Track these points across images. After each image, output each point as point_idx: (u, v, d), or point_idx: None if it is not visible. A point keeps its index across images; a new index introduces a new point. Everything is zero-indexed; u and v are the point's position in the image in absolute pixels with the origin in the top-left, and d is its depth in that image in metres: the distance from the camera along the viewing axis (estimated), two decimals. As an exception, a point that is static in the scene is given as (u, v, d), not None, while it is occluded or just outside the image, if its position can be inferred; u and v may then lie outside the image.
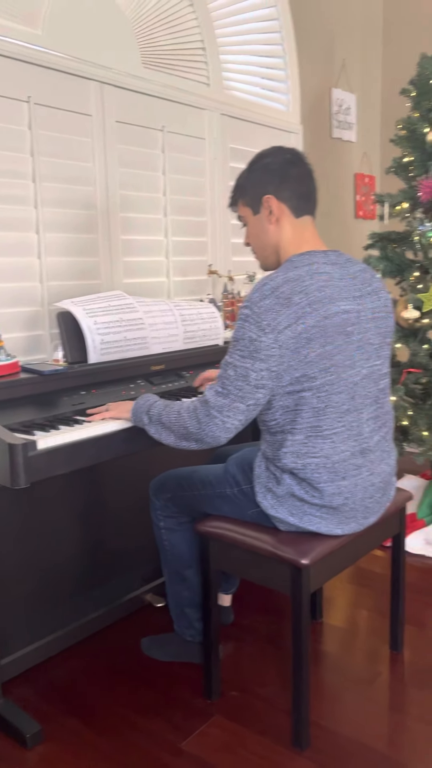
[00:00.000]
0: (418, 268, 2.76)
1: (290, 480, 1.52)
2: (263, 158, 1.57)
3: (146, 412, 1.61)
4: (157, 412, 1.58)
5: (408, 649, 1.98)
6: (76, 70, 2.15)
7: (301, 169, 1.56)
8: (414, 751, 1.57)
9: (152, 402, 1.62)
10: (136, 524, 2.19)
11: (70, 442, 1.56)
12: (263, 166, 1.56)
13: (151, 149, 2.49)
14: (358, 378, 1.49)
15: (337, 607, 2.24)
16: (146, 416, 1.60)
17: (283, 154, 1.56)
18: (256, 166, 1.58)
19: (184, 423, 1.51)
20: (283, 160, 1.55)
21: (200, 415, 1.48)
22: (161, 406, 1.58)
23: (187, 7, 2.55)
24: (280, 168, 1.54)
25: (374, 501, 1.59)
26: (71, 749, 1.61)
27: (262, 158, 1.58)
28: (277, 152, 1.56)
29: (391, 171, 2.88)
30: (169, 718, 1.71)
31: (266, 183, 1.55)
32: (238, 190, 1.63)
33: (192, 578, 1.85)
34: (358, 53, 3.68)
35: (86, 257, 2.28)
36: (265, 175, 1.55)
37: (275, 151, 1.57)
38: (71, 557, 2.00)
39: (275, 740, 1.61)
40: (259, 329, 1.39)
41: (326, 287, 1.43)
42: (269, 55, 3.01)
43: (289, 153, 1.57)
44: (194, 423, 1.49)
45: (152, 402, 1.62)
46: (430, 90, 2.69)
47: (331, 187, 3.63)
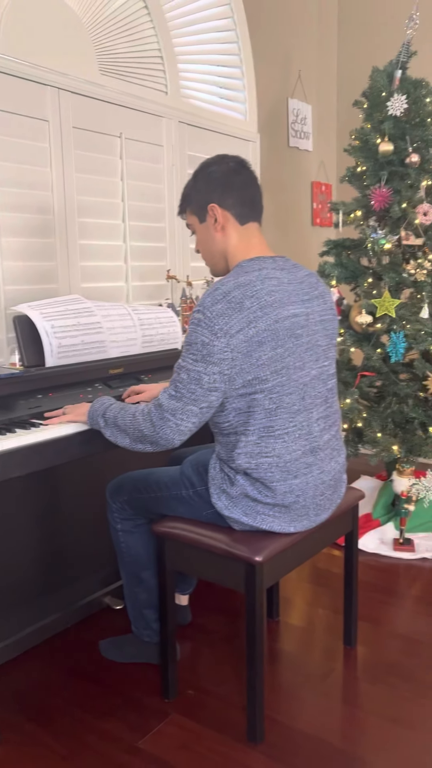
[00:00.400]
0: (371, 275, 2.84)
1: (243, 481, 1.55)
2: (207, 167, 1.60)
3: (102, 414, 1.63)
4: (112, 415, 1.60)
5: (361, 645, 2.03)
6: (33, 76, 2.16)
7: (245, 177, 1.59)
8: (365, 743, 1.62)
9: (108, 405, 1.64)
10: (93, 527, 2.20)
11: (25, 445, 1.57)
12: (207, 175, 1.59)
13: (109, 155, 2.51)
14: (308, 379, 1.54)
15: (294, 607, 2.28)
16: (102, 419, 1.62)
17: (226, 163, 1.59)
18: (200, 175, 1.61)
19: (138, 426, 1.54)
20: (226, 169, 1.58)
21: (154, 418, 1.51)
22: (116, 409, 1.60)
23: (145, 16, 2.59)
24: (224, 176, 1.57)
25: (325, 498, 1.63)
26: (27, 752, 1.60)
27: (206, 167, 1.61)
28: (220, 161, 1.60)
29: (345, 180, 2.95)
30: (126, 718, 1.72)
31: (210, 191, 1.58)
32: (184, 199, 1.66)
33: (149, 580, 1.87)
34: (313, 64, 3.77)
35: (43, 261, 2.29)
36: (209, 184, 1.58)
37: (219, 160, 1.60)
38: (28, 561, 2.00)
39: (231, 736, 1.64)
40: (212, 333, 1.42)
41: (276, 292, 1.48)
42: (226, 65, 3.07)
43: (232, 161, 1.60)
44: (149, 426, 1.52)
45: (108, 405, 1.64)
46: (381, 102, 2.77)
47: (288, 195, 3.70)
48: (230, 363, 1.44)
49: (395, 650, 2.00)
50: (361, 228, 2.87)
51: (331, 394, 1.63)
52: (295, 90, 3.63)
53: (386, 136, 2.74)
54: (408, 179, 2.74)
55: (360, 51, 3.86)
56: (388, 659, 1.96)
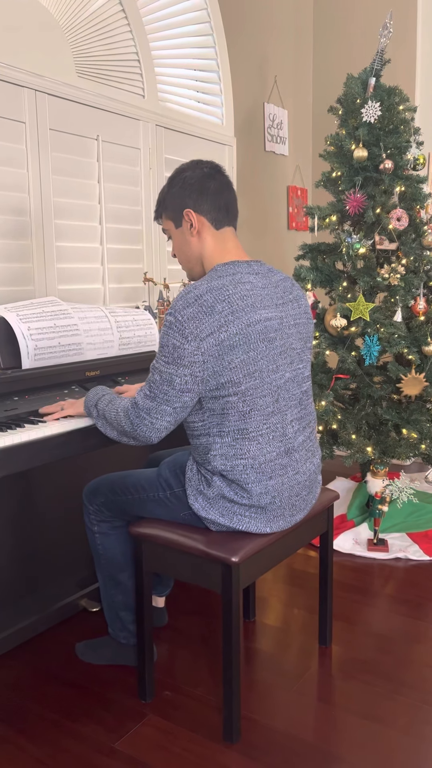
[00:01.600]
0: (346, 279, 2.88)
1: (220, 482, 1.57)
2: (182, 173, 1.62)
3: (95, 405, 1.68)
4: (102, 407, 1.66)
5: (336, 644, 2.06)
6: (10, 78, 2.16)
7: (219, 182, 1.61)
8: (341, 740, 1.64)
9: (100, 396, 1.69)
10: (69, 529, 2.19)
11: (1, 448, 1.56)
12: (182, 180, 1.60)
13: (86, 158, 2.52)
14: (282, 381, 1.56)
15: (270, 607, 2.30)
16: (95, 409, 1.68)
17: (201, 168, 1.61)
18: (175, 181, 1.62)
19: (120, 421, 1.59)
20: (201, 174, 1.60)
21: (131, 416, 1.56)
22: (106, 401, 1.66)
23: (122, 20, 2.59)
24: (198, 182, 1.59)
25: (300, 499, 1.66)
26: (2, 757, 1.60)
27: (181, 173, 1.62)
28: (195, 166, 1.62)
29: (321, 185, 2.99)
30: (102, 720, 1.72)
31: (185, 197, 1.59)
32: (160, 205, 1.68)
33: (126, 582, 1.88)
34: (289, 70, 3.81)
35: (19, 263, 2.28)
36: (183, 190, 1.60)
37: (194, 165, 1.62)
38: (3, 564, 1.99)
39: (207, 736, 1.65)
40: (182, 337, 1.44)
41: (249, 296, 1.50)
42: (203, 69, 3.09)
43: (207, 166, 1.62)
44: (128, 423, 1.57)
45: (100, 396, 1.69)
46: (356, 109, 2.81)
47: (264, 199, 3.73)
48: (201, 366, 1.46)
49: (369, 648, 2.03)
50: (336, 232, 2.91)
51: (305, 397, 1.66)
52: (271, 95, 3.67)
53: (361, 143, 2.78)
54: (382, 185, 2.78)
55: (335, 58, 3.91)
56: (362, 657, 1.98)
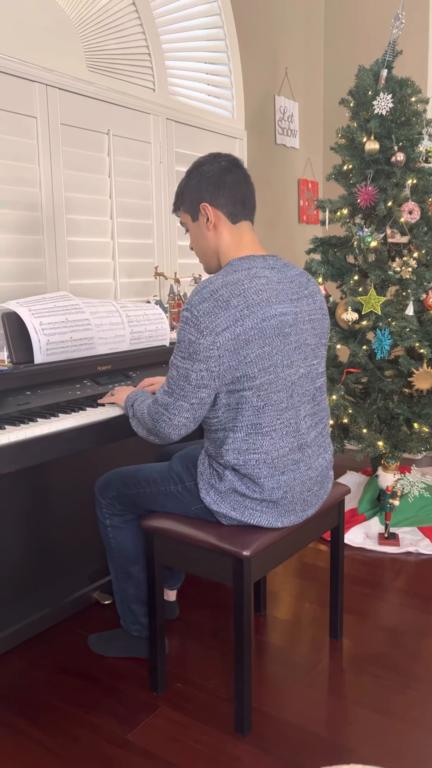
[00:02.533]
0: (357, 272, 2.87)
1: (232, 476, 1.58)
2: (200, 166, 1.61)
3: (132, 404, 1.72)
4: (136, 407, 1.69)
5: (347, 638, 2.07)
6: (21, 73, 2.16)
7: (237, 176, 1.60)
8: (351, 732, 1.65)
9: (138, 396, 1.73)
10: (82, 523, 2.21)
11: (15, 442, 1.58)
12: (199, 174, 1.60)
13: (97, 152, 2.52)
14: (296, 377, 1.56)
15: (281, 601, 2.31)
16: (131, 409, 1.71)
17: (219, 162, 1.60)
18: (193, 174, 1.62)
19: (145, 419, 1.62)
20: (218, 168, 1.59)
21: (152, 413, 1.58)
22: (140, 401, 1.69)
23: (132, 13, 2.59)
24: (216, 175, 1.58)
25: (312, 494, 1.66)
26: (16, 747, 1.62)
27: (198, 166, 1.62)
28: (213, 159, 1.61)
29: (332, 178, 2.97)
30: (115, 712, 1.74)
31: (202, 191, 1.59)
32: (178, 198, 1.68)
33: (138, 575, 1.89)
34: (300, 62, 3.79)
35: (31, 258, 2.29)
36: (201, 183, 1.59)
37: (211, 159, 1.61)
38: (17, 557, 2.01)
39: (219, 728, 1.67)
40: (198, 332, 1.44)
41: (264, 291, 1.50)
42: (214, 62, 3.07)
43: (225, 160, 1.61)
44: (150, 420, 1.60)
45: (138, 396, 1.73)
46: (367, 101, 2.79)
47: (275, 192, 3.72)
48: (217, 360, 1.46)
49: (380, 642, 2.03)
50: (347, 226, 2.89)
51: (319, 393, 1.66)
52: (282, 87, 3.65)
53: (372, 135, 2.76)
54: (393, 177, 2.76)
55: (346, 49, 3.88)
56: (373, 651, 1.99)
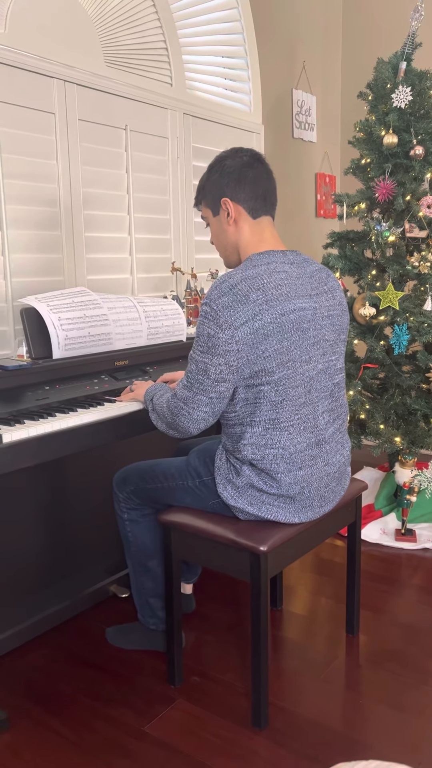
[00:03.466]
0: (375, 267, 2.85)
1: (249, 471, 1.58)
2: (222, 161, 1.61)
3: (151, 399, 1.72)
4: (156, 401, 1.70)
5: (363, 633, 2.07)
6: (40, 69, 2.17)
7: (258, 171, 1.60)
8: (368, 728, 1.65)
9: (157, 390, 1.73)
10: (100, 517, 2.23)
11: (34, 436, 1.59)
12: (221, 169, 1.60)
13: (114, 147, 2.52)
14: (314, 372, 1.56)
15: (297, 596, 2.31)
16: (150, 403, 1.72)
17: (241, 156, 1.60)
18: (214, 169, 1.62)
19: (164, 413, 1.63)
20: (240, 162, 1.59)
21: (171, 407, 1.59)
22: (159, 395, 1.70)
23: (150, 8, 2.59)
24: (237, 170, 1.58)
25: (330, 490, 1.66)
26: (36, 737, 1.64)
27: (220, 161, 1.62)
28: (235, 154, 1.61)
29: (350, 172, 2.96)
30: (132, 704, 1.75)
31: (223, 185, 1.59)
32: (199, 192, 1.68)
33: (155, 569, 1.90)
34: (318, 56, 3.76)
35: (49, 254, 2.30)
36: (222, 178, 1.59)
37: (233, 153, 1.61)
38: (36, 550, 2.03)
39: (235, 721, 1.68)
40: (217, 326, 1.45)
41: (283, 286, 1.50)
42: (231, 56, 3.06)
43: (247, 155, 1.61)
44: (169, 413, 1.61)
45: (157, 390, 1.73)
46: (386, 94, 2.77)
47: (292, 186, 3.71)
48: (236, 354, 1.46)
49: (397, 638, 2.03)
50: (365, 220, 2.88)
51: (337, 388, 1.66)
52: (299, 81, 3.63)
53: (391, 128, 2.74)
54: (412, 171, 2.74)
55: (365, 42, 3.85)
56: (389, 647, 1.99)
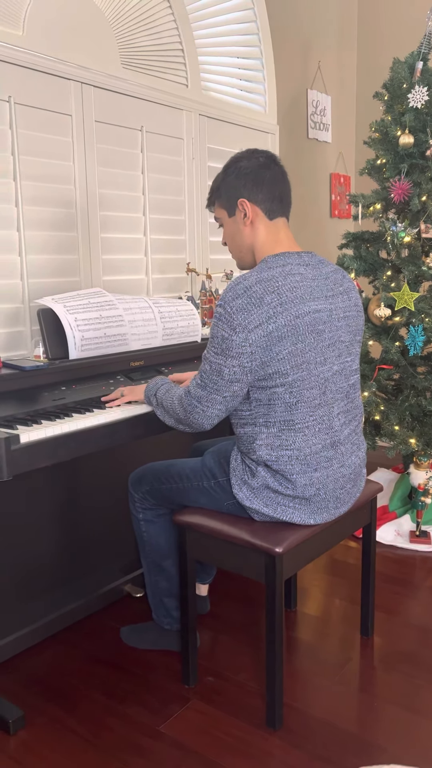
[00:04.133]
0: (390, 268, 2.84)
1: (265, 472, 1.58)
2: (238, 162, 1.62)
3: (154, 394, 1.73)
4: (161, 396, 1.70)
5: (378, 635, 2.06)
6: (57, 71, 2.19)
7: (275, 173, 1.60)
8: (382, 730, 1.65)
9: (159, 385, 1.74)
10: (115, 516, 2.24)
11: (51, 436, 1.60)
12: (237, 170, 1.60)
13: (130, 149, 2.53)
14: (329, 374, 1.56)
15: (311, 597, 2.31)
16: (154, 398, 1.73)
17: (257, 158, 1.61)
18: (230, 170, 1.62)
19: (175, 409, 1.64)
20: (256, 164, 1.59)
21: (185, 404, 1.60)
22: (164, 390, 1.70)
23: (166, 9, 2.59)
24: (254, 171, 1.59)
25: (345, 492, 1.66)
26: (52, 734, 1.65)
27: (236, 162, 1.62)
28: (251, 156, 1.61)
29: (365, 172, 2.95)
30: (147, 703, 1.76)
31: (240, 186, 1.60)
32: (214, 193, 1.68)
33: (170, 569, 1.91)
34: (333, 55, 3.75)
35: (66, 255, 2.32)
36: (239, 179, 1.60)
37: (249, 155, 1.62)
38: (51, 549, 2.04)
39: (249, 722, 1.68)
40: (231, 328, 1.45)
41: (298, 287, 1.50)
42: (246, 57, 3.06)
43: (263, 156, 1.62)
44: (182, 410, 1.61)
45: (159, 385, 1.74)
46: (402, 94, 2.76)
47: (307, 186, 3.70)
48: (249, 356, 1.46)
49: (411, 640, 2.03)
50: (380, 220, 2.87)
51: (353, 390, 1.65)
52: (314, 81, 3.62)
53: (407, 129, 2.73)
54: (428, 172, 2.73)
55: (380, 42, 3.83)
56: (404, 649, 1.98)
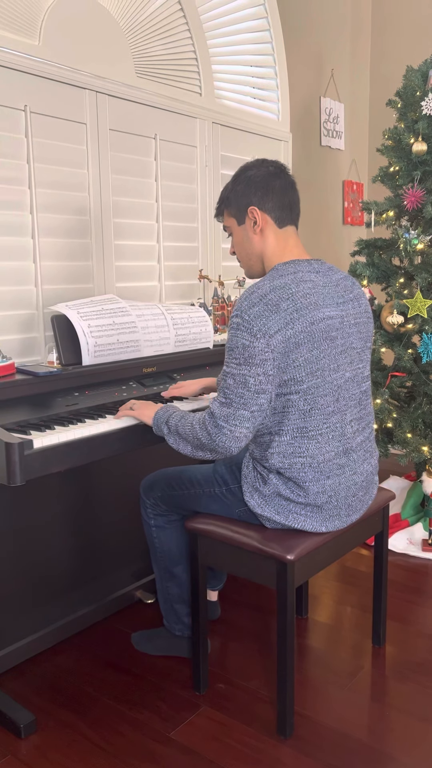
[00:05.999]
0: (403, 275, 2.84)
1: (276, 480, 1.58)
2: (247, 170, 1.63)
3: (165, 422, 1.66)
4: (174, 423, 1.63)
5: (390, 644, 2.05)
6: (72, 80, 2.21)
7: (284, 181, 1.62)
8: (394, 740, 1.64)
9: (171, 413, 1.67)
10: (127, 522, 2.25)
11: (64, 442, 1.61)
12: (247, 179, 1.62)
13: (144, 156, 2.55)
14: (342, 381, 1.56)
15: (322, 605, 2.30)
16: (165, 426, 1.66)
17: (266, 167, 1.62)
18: (240, 179, 1.64)
19: (196, 434, 1.56)
20: (266, 173, 1.61)
21: (209, 427, 1.53)
22: (178, 417, 1.63)
23: (180, 18, 2.61)
24: (264, 180, 1.60)
25: (357, 499, 1.65)
26: (63, 739, 1.66)
27: (246, 170, 1.64)
28: (260, 165, 1.63)
29: (378, 180, 2.95)
30: (158, 709, 1.76)
31: (250, 195, 1.61)
32: (223, 202, 1.69)
33: (181, 575, 1.91)
34: (346, 63, 3.76)
35: (79, 261, 2.34)
36: (249, 187, 1.61)
37: (259, 164, 1.63)
38: (63, 554, 2.05)
39: (260, 729, 1.68)
40: (251, 335, 1.45)
41: (311, 294, 1.50)
42: (260, 65, 3.08)
43: (272, 165, 1.63)
44: (205, 434, 1.54)
45: (171, 413, 1.67)
46: (415, 102, 2.76)
47: (320, 194, 3.71)
48: (272, 363, 1.46)
49: (424, 650, 2.01)
50: (393, 228, 2.87)
51: (365, 396, 1.65)
52: (327, 89, 3.64)
53: (420, 136, 2.73)
54: (441, 179, 2.73)
55: (394, 50, 3.84)
56: (416, 658, 1.97)
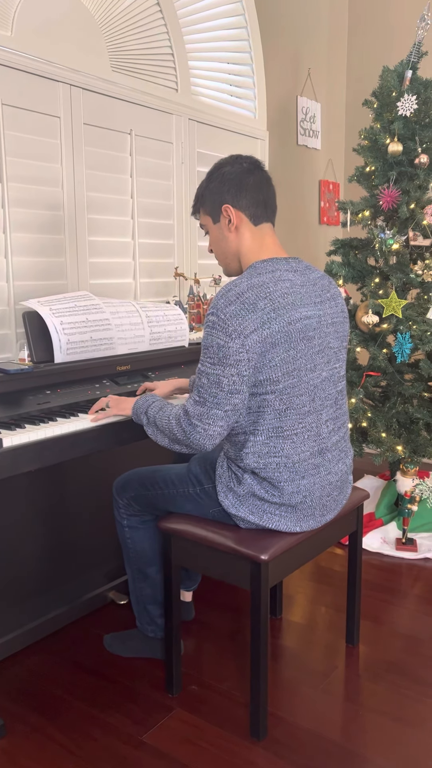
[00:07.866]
0: (378, 275, 2.85)
1: (251, 480, 1.57)
2: (221, 168, 1.61)
3: (144, 412, 1.66)
4: (153, 414, 1.63)
5: (364, 644, 2.05)
6: (45, 72, 2.17)
7: (259, 178, 1.59)
8: (368, 740, 1.63)
9: (150, 402, 1.67)
10: (99, 522, 2.21)
11: (35, 441, 1.58)
12: (221, 176, 1.59)
13: (119, 152, 2.52)
14: (318, 381, 1.55)
15: (296, 604, 2.30)
16: (144, 416, 1.66)
17: (240, 163, 1.60)
18: (214, 176, 1.61)
19: (172, 429, 1.56)
20: (240, 169, 1.58)
21: (183, 424, 1.53)
22: (156, 409, 1.63)
23: (156, 13, 2.59)
24: (238, 177, 1.58)
25: (332, 499, 1.65)
26: (33, 743, 1.62)
27: (220, 168, 1.61)
28: (234, 161, 1.60)
29: (354, 179, 2.95)
30: (130, 712, 1.74)
31: (224, 192, 1.59)
32: (198, 200, 1.67)
33: (154, 576, 1.89)
34: (323, 63, 3.77)
35: (52, 257, 2.30)
36: (223, 185, 1.59)
37: (233, 161, 1.61)
38: (34, 555, 2.01)
39: (233, 731, 1.66)
40: (226, 335, 1.43)
41: (289, 294, 1.49)
42: (237, 62, 3.07)
43: (246, 162, 1.61)
44: (180, 431, 1.54)
45: (150, 402, 1.67)
46: (391, 102, 2.77)
47: (296, 193, 3.70)
48: (246, 364, 1.45)
49: (397, 649, 2.02)
50: (368, 228, 2.87)
51: (341, 396, 1.65)
52: (304, 88, 3.63)
53: (396, 137, 2.74)
54: (417, 180, 2.74)
55: (370, 50, 3.85)
56: (390, 658, 1.97)
